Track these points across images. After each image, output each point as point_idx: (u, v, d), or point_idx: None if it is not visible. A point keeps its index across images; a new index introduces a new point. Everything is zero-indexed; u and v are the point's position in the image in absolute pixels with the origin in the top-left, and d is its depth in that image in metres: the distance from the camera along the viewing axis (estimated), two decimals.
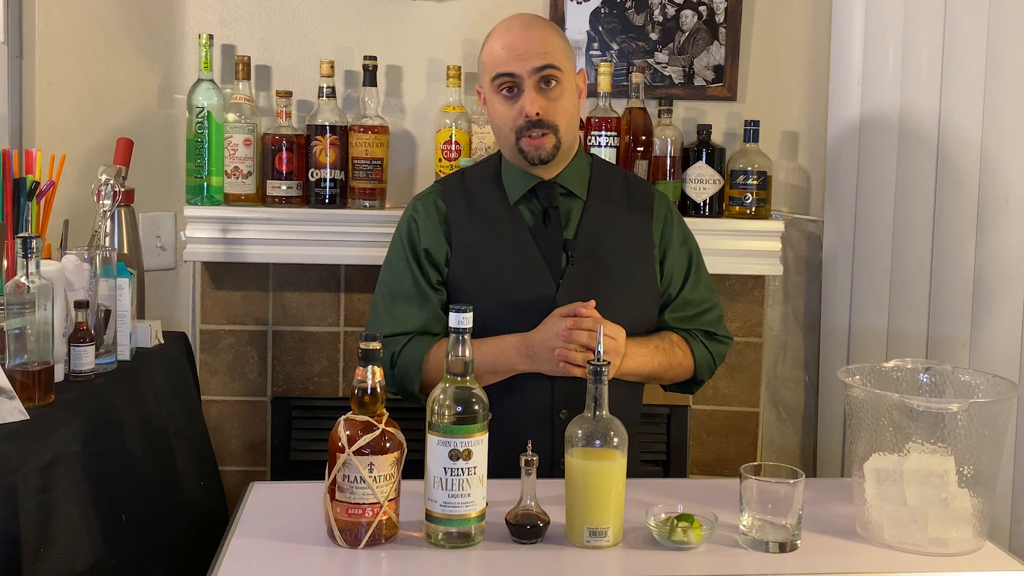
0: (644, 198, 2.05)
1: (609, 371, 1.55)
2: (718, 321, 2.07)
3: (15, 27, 2.42)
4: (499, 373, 1.89)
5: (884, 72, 2.57)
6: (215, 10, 2.63)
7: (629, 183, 2.08)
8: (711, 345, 2.04)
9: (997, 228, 2.48)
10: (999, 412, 1.58)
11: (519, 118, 1.90)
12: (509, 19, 1.97)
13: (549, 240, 1.95)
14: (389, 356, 1.93)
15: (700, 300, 2.04)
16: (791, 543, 1.54)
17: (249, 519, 1.61)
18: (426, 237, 1.97)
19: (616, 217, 2.01)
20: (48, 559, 1.50)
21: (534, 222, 1.96)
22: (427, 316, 1.95)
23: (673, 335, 2.02)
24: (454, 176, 2.09)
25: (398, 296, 1.97)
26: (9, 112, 2.40)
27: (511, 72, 1.89)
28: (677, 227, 2.05)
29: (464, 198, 2.00)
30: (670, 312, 2.03)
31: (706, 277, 2.08)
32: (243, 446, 2.68)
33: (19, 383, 1.62)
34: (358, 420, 1.49)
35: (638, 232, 2.01)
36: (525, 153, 1.92)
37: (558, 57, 1.90)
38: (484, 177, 2.03)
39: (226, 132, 2.51)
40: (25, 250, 1.65)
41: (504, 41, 1.91)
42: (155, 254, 2.63)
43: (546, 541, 1.54)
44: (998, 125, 2.47)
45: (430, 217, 1.98)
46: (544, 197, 1.96)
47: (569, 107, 1.93)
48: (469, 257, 1.96)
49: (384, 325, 1.96)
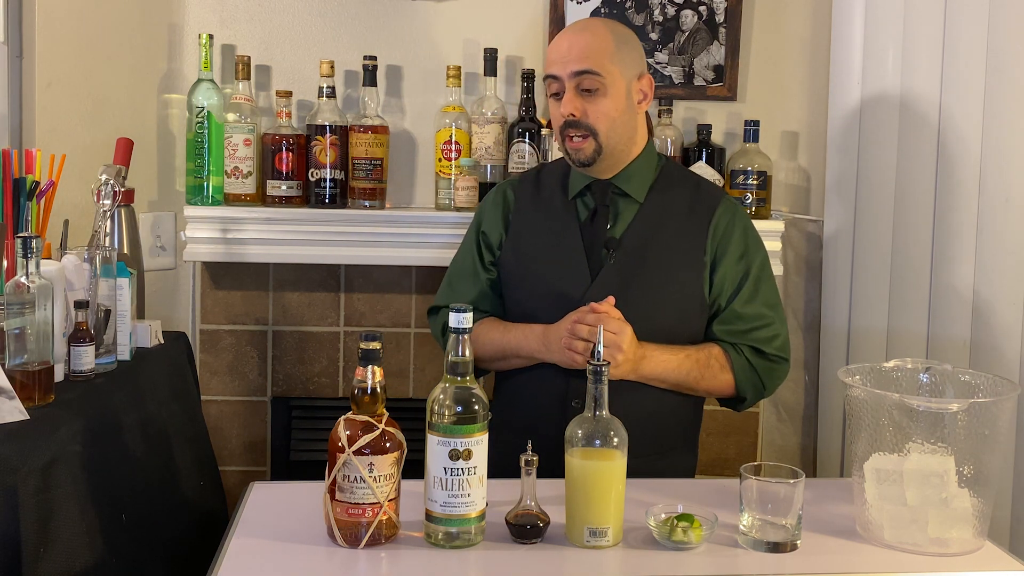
0: (707, 206, 2.02)
1: (608, 370, 1.55)
2: (771, 339, 1.99)
3: (15, 27, 2.42)
4: (522, 358, 1.99)
5: (884, 72, 2.56)
6: (215, 10, 2.63)
7: (699, 189, 2.06)
8: (757, 362, 1.98)
9: (997, 228, 2.48)
10: (999, 412, 1.58)
11: (560, 119, 1.96)
12: (570, 25, 2.10)
13: (594, 236, 1.99)
14: (442, 325, 2.09)
15: (753, 315, 1.98)
16: (791, 543, 1.54)
17: (249, 519, 1.61)
18: (488, 221, 2.11)
19: (670, 222, 2.00)
20: (48, 559, 1.50)
21: (586, 217, 2.02)
22: (477, 293, 2.08)
23: (715, 347, 1.98)
24: (532, 170, 2.21)
25: (459, 272, 2.13)
26: (9, 112, 2.40)
27: (554, 74, 1.97)
28: (738, 239, 2.00)
29: (532, 190, 2.10)
30: (718, 324, 2.00)
31: (768, 294, 2.02)
32: (243, 446, 2.68)
33: (19, 383, 1.62)
34: (358, 420, 1.49)
35: (690, 239, 1.99)
36: (568, 154, 1.99)
37: (601, 62, 1.93)
38: (555, 172, 2.11)
39: (226, 132, 2.51)
40: (25, 250, 1.65)
41: (554, 46, 1.99)
42: (155, 254, 2.63)
43: (546, 541, 1.54)
44: (998, 125, 2.47)
45: (496, 204, 2.11)
46: (597, 195, 2.01)
47: (612, 111, 1.94)
48: (519, 244, 2.06)
49: (444, 296, 2.14)
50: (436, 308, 2.16)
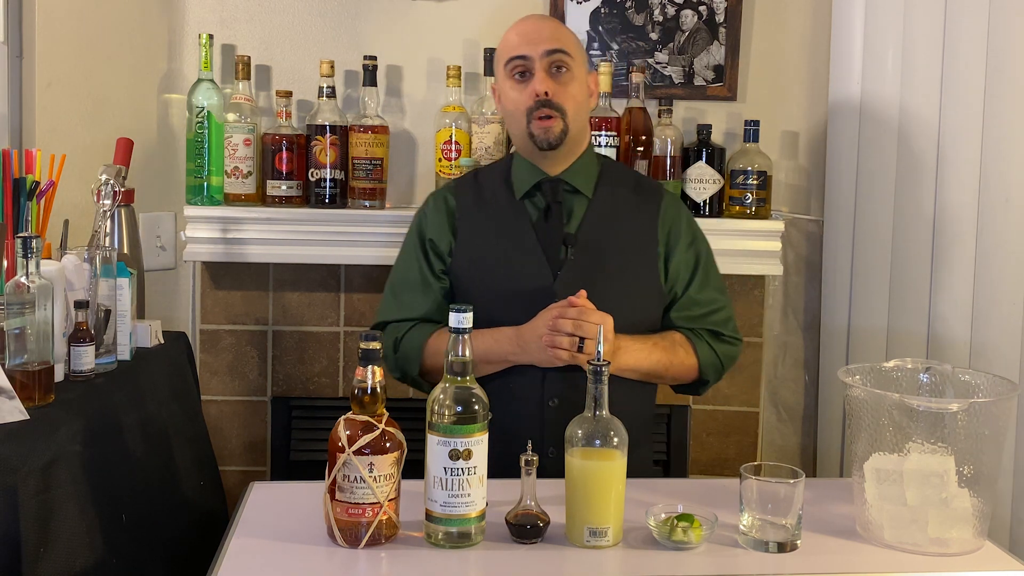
0: (652, 198, 2.07)
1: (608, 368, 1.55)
2: (726, 322, 2.07)
3: (15, 27, 2.42)
4: (493, 363, 1.95)
5: (884, 72, 2.57)
6: (215, 10, 2.63)
7: (640, 183, 2.12)
8: (717, 345, 2.04)
9: (997, 228, 2.48)
10: (999, 412, 1.58)
11: (529, 100, 1.95)
12: (526, 15, 2.08)
13: (549, 234, 1.98)
14: (392, 341, 2.02)
15: (707, 300, 2.05)
16: (791, 543, 1.54)
17: (249, 519, 1.61)
18: (432, 228, 2.05)
19: (621, 215, 2.03)
20: (48, 559, 1.50)
21: (537, 216, 2.01)
22: (430, 304, 2.03)
23: (676, 334, 2.03)
24: (468, 175, 2.18)
25: (405, 284, 2.06)
26: (9, 112, 2.40)
27: (523, 55, 1.96)
28: (685, 228, 2.06)
29: (473, 194, 2.08)
30: (676, 311, 2.04)
31: (716, 278, 2.09)
32: (243, 446, 2.68)
33: (19, 383, 1.62)
34: (358, 420, 1.49)
35: (642, 231, 2.03)
36: (535, 137, 1.96)
37: (570, 47, 1.98)
38: (495, 175, 2.09)
39: (226, 132, 2.51)
40: (25, 250, 1.65)
41: (518, 29, 2.00)
42: (155, 254, 2.63)
43: (546, 541, 1.54)
44: (998, 125, 2.47)
45: (439, 210, 2.07)
46: (548, 192, 2.00)
47: (578, 95, 1.98)
48: (471, 249, 2.02)
49: (391, 311, 2.06)
50: (383, 324, 2.06)
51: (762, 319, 2.71)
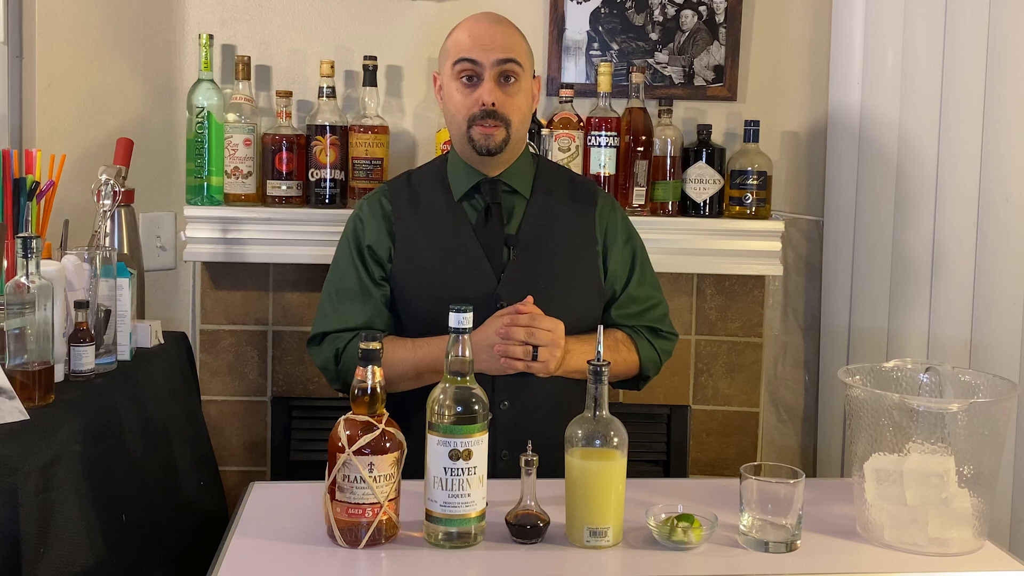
0: (588, 197, 2.08)
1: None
2: (663, 318, 2.09)
3: (15, 27, 2.42)
4: (440, 372, 1.79)
5: (884, 72, 2.57)
6: (215, 10, 2.63)
7: (574, 182, 2.11)
8: (656, 342, 2.06)
9: (997, 228, 2.48)
10: (999, 412, 1.58)
11: (474, 106, 1.92)
12: (478, 13, 2.02)
13: (491, 236, 1.97)
14: (333, 352, 1.97)
15: (645, 297, 2.07)
16: (791, 543, 1.54)
17: (249, 519, 1.61)
18: (369, 234, 2.00)
19: (559, 214, 2.03)
20: (48, 559, 1.50)
21: (477, 219, 1.99)
22: (370, 312, 1.98)
23: (618, 332, 2.04)
24: (401, 177, 2.12)
25: (343, 293, 2.00)
26: (9, 112, 2.40)
27: (474, 59, 1.92)
28: (621, 225, 2.08)
29: (409, 197, 2.04)
30: (615, 309, 2.05)
31: (651, 275, 2.11)
32: (243, 446, 2.68)
33: (19, 383, 1.62)
34: (358, 420, 1.49)
35: (581, 229, 2.04)
36: (475, 142, 1.94)
37: (521, 56, 1.95)
38: (430, 177, 2.06)
39: (226, 132, 2.51)
40: (25, 250, 1.65)
41: (471, 31, 1.96)
42: (155, 254, 2.63)
43: (546, 541, 1.54)
44: (998, 125, 2.47)
45: (374, 215, 2.02)
46: (487, 194, 1.99)
47: (523, 106, 1.97)
48: (411, 253, 1.99)
49: (329, 321, 2.00)
50: (320, 335, 2.00)
51: (762, 319, 2.71)
